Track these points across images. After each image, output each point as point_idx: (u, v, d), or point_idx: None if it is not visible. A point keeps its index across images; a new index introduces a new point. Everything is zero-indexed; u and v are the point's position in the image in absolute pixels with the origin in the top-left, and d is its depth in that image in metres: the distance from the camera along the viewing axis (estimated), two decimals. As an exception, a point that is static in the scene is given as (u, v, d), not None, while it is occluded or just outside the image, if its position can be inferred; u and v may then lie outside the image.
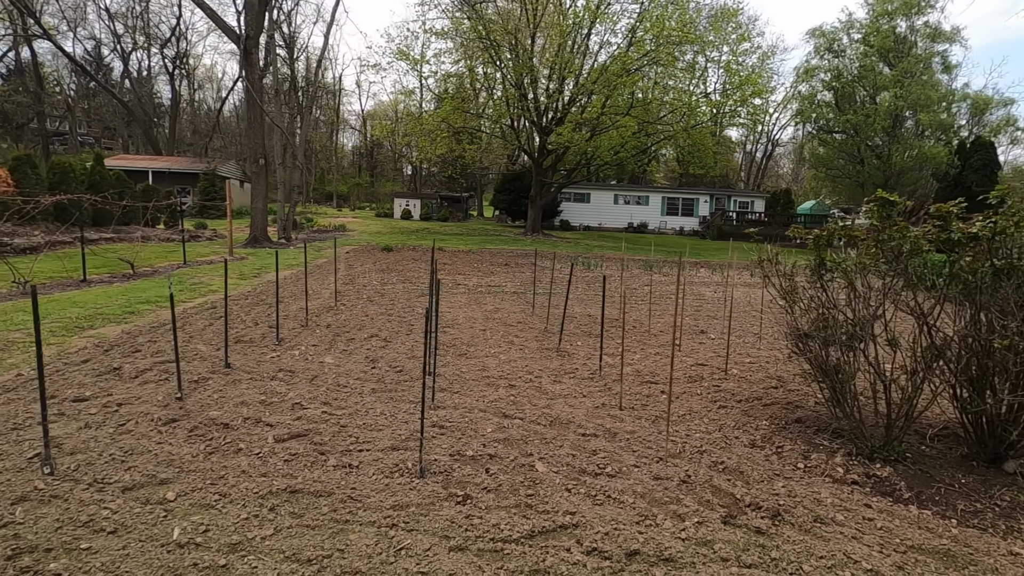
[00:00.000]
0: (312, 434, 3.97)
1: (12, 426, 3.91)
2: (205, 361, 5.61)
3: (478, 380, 5.41)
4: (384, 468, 3.50)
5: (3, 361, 5.42)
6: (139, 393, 4.66)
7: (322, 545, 2.71)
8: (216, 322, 7.35)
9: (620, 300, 10.28)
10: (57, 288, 9.12)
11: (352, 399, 4.72)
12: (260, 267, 13.01)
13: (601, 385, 5.44)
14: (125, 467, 3.39)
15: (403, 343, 6.71)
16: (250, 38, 15.53)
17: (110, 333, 6.62)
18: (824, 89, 31.50)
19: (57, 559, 2.55)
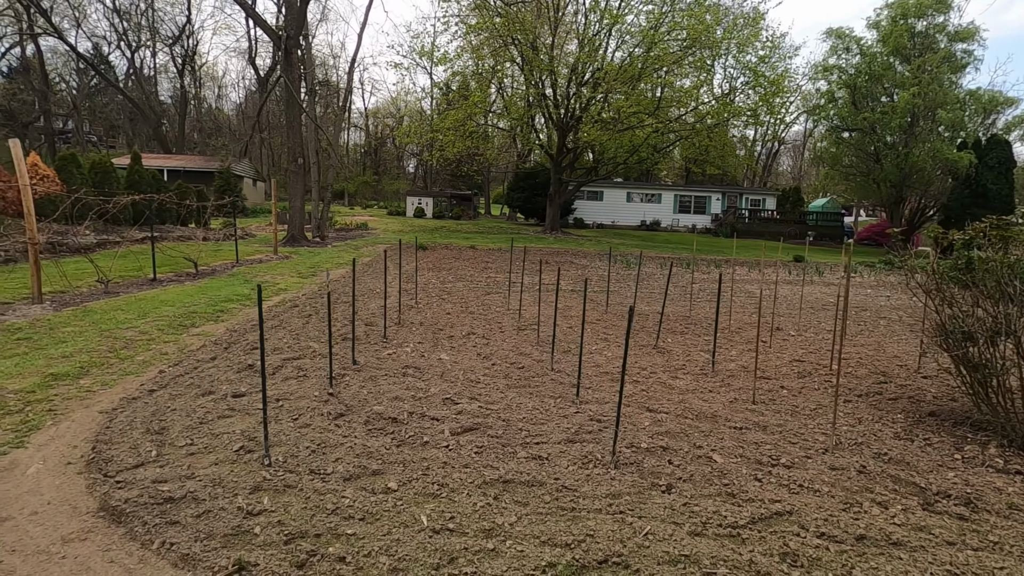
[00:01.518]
0: (482, 428, 4.12)
1: (197, 420, 4.04)
2: (327, 358, 5.74)
3: (599, 376, 5.56)
4: (575, 460, 3.65)
5: (133, 359, 5.54)
6: (288, 389, 4.80)
7: (569, 531, 2.85)
8: (309, 320, 7.47)
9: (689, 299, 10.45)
10: (133, 287, 9.22)
11: (494, 394, 4.86)
12: (312, 266, 13.11)
13: (718, 381, 5.59)
14: (331, 458, 3.53)
15: (502, 340, 6.85)
16: (290, 38, 15.59)
17: (215, 331, 6.74)
18: (842, 87, 31.68)
19: (331, 544, 2.69)
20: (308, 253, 15.54)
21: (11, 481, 3.18)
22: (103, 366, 5.23)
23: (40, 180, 13.19)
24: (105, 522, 2.81)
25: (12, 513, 2.87)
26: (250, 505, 2.97)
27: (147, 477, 3.21)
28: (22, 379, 4.75)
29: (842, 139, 33.96)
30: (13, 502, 2.98)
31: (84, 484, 3.18)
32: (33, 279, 7.46)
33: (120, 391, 4.66)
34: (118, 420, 4.02)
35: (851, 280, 15.55)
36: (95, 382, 4.82)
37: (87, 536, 2.70)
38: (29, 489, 3.11)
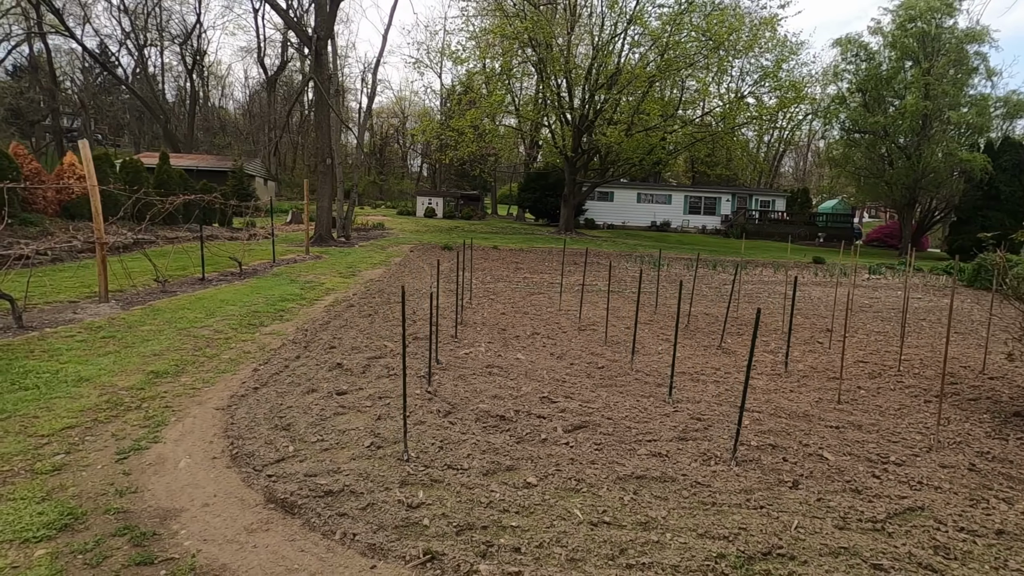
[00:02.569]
0: (591, 426, 4.23)
1: (317, 417, 4.15)
2: (408, 358, 5.85)
3: (678, 376, 5.66)
4: (695, 457, 3.77)
5: (220, 357, 5.64)
6: (386, 387, 4.90)
7: (721, 524, 2.97)
8: (372, 319, 7.57)
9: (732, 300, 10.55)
10: (186, 286, 9.32)
11: (586, 393, 4.97)
12: (348, 265, 13.21)
13: (794, 381, 5.71)
14: (461, 454, 3.64)
15: (568, 341, 6.95)
16: (320, 39, 15.68)
17: (285, 330, 6.84)
18: (853, 91, 31.85)
19: (500, 535, 2.80)
20: (338, 253, 15.63)
21: (167, 475, 3.29)
22: (195, 364, 5.33)
23: (77, 180, 13.27)
24: (279, 514, 2.92)
25: (185, 504, 2.98)
26: (407, 498, 3.07)
27: (298, 471, 3.32)
28: (126, 376, 4.85)
29: (853, 141, 34.12)
30: (179, 494, 3.08)
31: (238, 477, 3.28)
32: (100, 278, 7.55)
33: (223, 388, 4.76)
34: (238, 417, 4.12)
35: (877, 282, 15.69)
36: (195, 380, 4.92)
37: (268, 527, 2.81)
38: (188, 482, 3.21)
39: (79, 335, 5.96)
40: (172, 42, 53.83)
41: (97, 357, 5.30)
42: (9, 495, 2.97)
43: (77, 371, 4.86)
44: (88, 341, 5.77)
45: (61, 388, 4.47)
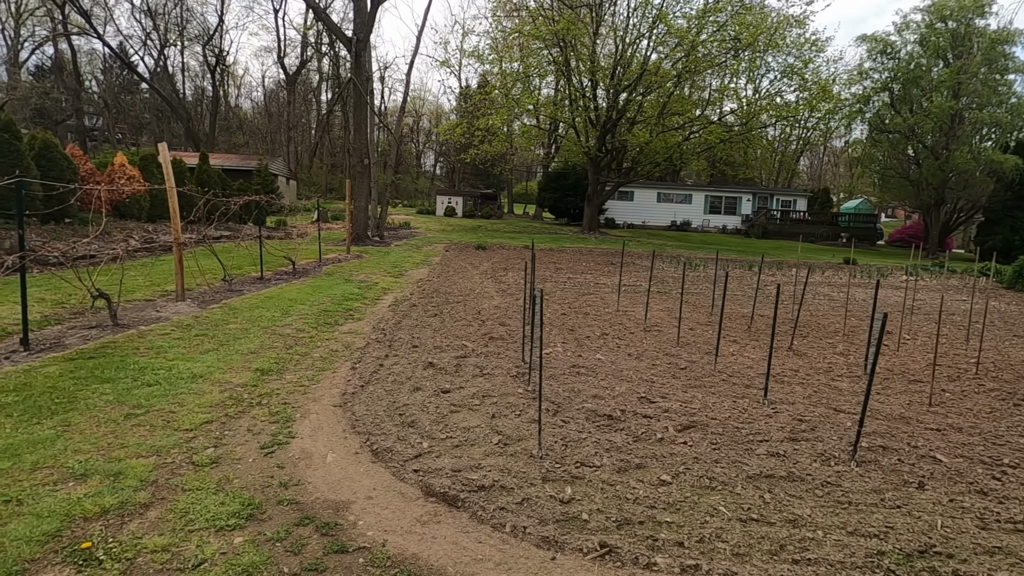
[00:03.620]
0: (699, 425, 4.33)
1: (436, 415, 4.28)
2: (491, 357, 5.98)
3: (760, 377, 5.74)
4: (813, 457, 3.86)
5: (311, 355, 5.81)
6: (483, 386, 5.03)
7: (867, 522, 3.06)
8: (441, 319, 7.72)
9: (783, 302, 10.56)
10: (247, 285, 9.53)
11: (679, 393, 5.07)
12: (392, 264, 13.39)
13: (878, 384, 5.76)
14: (587, 452, 3.75)
15: (639, 341, 7.05)
16: (360, 41, 15.87)
17: (361, 329, 7.01)
18: (880, 90, 31.58)
19: (659, 530, 2.91)
20: (377, 252, 15.82)
21: (319, 469, 3.44)
22: (293, 362, 5.50)
23: (128, 180, 13.57)
24: (443, 507, 3.06)
25: (349, 497, 3.13)
26: (557, 494, 3.20)
27: (443, 467, 3.45)
28: (235, 373, 5.03)
29: (878, 140, 33.82)
30: (339, 487, 3.23)
31: (387, 472, 3.43)
32: (177, 277, 7.76)
33: (330, 386, 4.92)
34: (359, 414, 4.27)
35: (915, 283, 15.60)
36: (300, 377, 5.08)
37: (439, 519, 2.94)
38: (342, 476, 3.36)
39: (173, 333, 6.15)
40: (195, 42, 54.41)
41: (200, 355, 5.48)
42: (184, 486, 3.13)
43: (188, 368, 5.04)
44: (185, 339, 5.96)
45: (181, 384, 4.65)
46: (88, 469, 3.21)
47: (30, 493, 2.94)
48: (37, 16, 53.69)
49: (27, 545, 2.53)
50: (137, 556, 2.52)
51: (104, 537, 2.63)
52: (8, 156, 10.48)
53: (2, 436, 3.55)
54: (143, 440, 3.62)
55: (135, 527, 2.74)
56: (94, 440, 3.58)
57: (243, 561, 2.51)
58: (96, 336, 5.90)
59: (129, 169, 13.99)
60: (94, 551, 2.53)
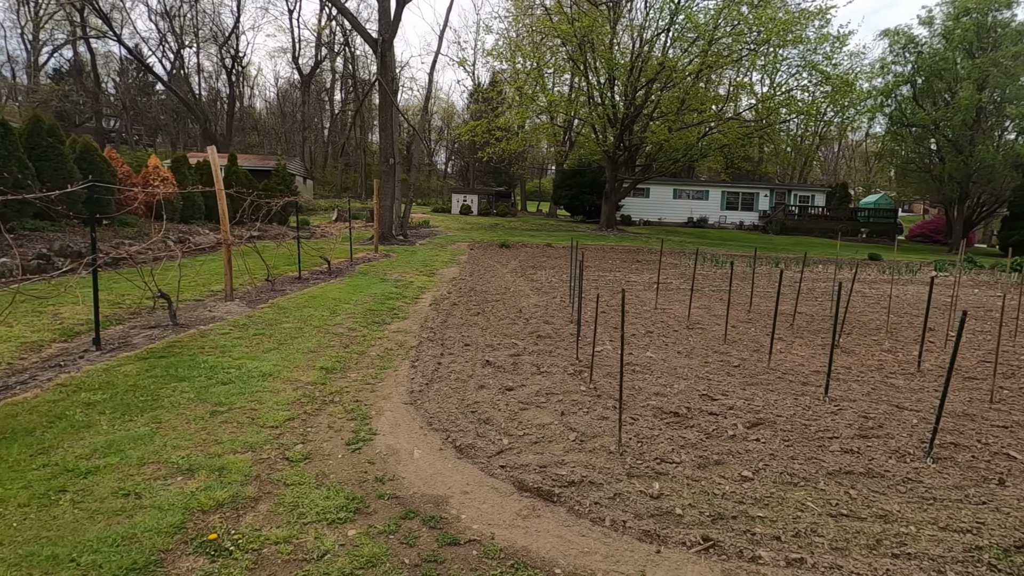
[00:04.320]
0: (767, 423, 4.38)
1: (509, 413, 4.37)
2: (544, 355, 6.06)
3: (815, 375, 5.77)
4: (888, 453, 3.89)
5: (368, 354, 5.92)
6: (544, 384, 5.11)
7: (955, 517, 3.10)
8: (485, 317, 7.81)
9: (817, 298, 10.54)
10: (287, 284, 9.69)
11: (738, 391, 5.12)
12: (422, 263, 13.51)
13: (934, 381, 5.77)
14: (664, 448, 3.82)
15: (686, 339, 7.09)
16: (385, 41, 15.99)
17: (409, 328, 7.11)
18: (902, 84, 31.18)
19: (752, 525, 2.97)
20: (404, 251, 15.96)
21: (409, 464, 3.54)
22: (353, 361, 5.61)
23: (162, 181, 13.81)
24: (539, 501, 3.14)
25: (444, 492, 3.22)
26: (645, 489, 3.27)
27: (528, 463, 3.54)
28: (302, 372, 5.15)
29: (900, 135, 33.41)
30: (433, 482, 3.33)
31: (475, 468, 3.52)
32: (226, 277, 7.93)
33: (394, 384, 5.02)
34: (432, 411, 4.37)
35: (945, 280, 15.45)
36: (363, 375, 5.19)
37: (538, 513, 3.03)
38: (433, 471, 3.46)
39: (232, 332, 6.30)
40: (212, 43, 54.98)
41: (263, 353, 5.61)
42: (285, 481, 3.24)
43: (257, 367, 5.17)
44: (245, 338, 6.10)
45: (254, 383, 4.78)
46: (192, 464, 3.34)
47: (145, 487, 3.07)
48: (55, 20, 54.54)
49: (158, 536, 2.65)
50: (262, 547, 2.63)
51: (227, 529, 2.75)
52: (53, 160, 10.73)
53: (102, 433, 3.69)
54: (235, 437, 3.75)
55: (251, 520, 2.85)
56: (188, 436, 3.71)
57: (364, 552, 2.61)
58: (160, 336, 6.06)
59: (162, 171, 14.24)
60: (221, 542, 2.64)
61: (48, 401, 4.12)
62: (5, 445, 3.44)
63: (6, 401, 4.08)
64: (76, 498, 2.93)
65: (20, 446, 3.44)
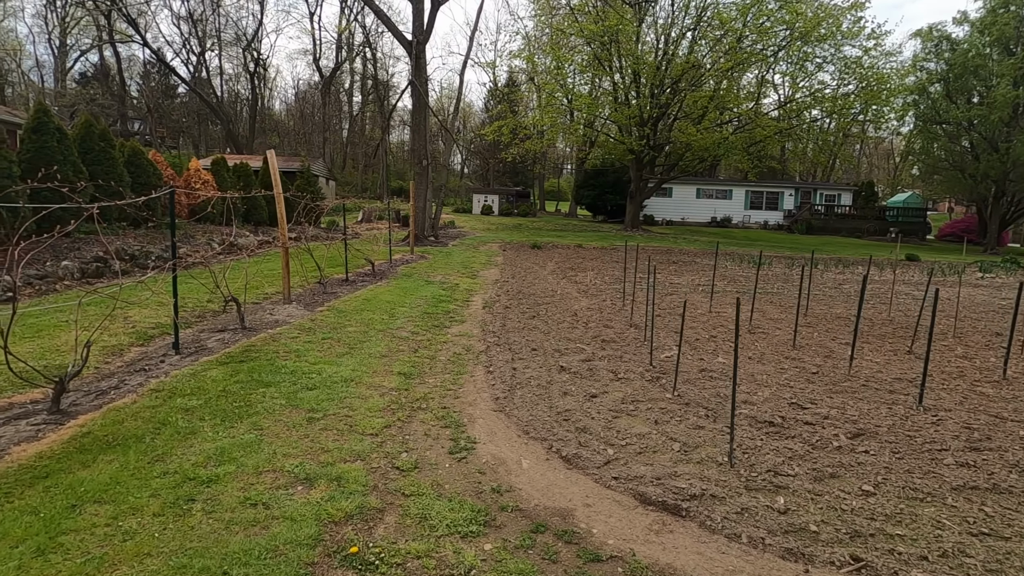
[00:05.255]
0: (868, 433, 4.26)
1: (604, 421, 4.31)
2: (616, 360, 5.99)
3: (898, 382, 5.62)
4: (1007, 466, 3.76)
5: (437, 358, 5.89)
6: (625, 390, 5.04)
7: (1105, 538, 2.97)
8: (542, 320, 7.75)
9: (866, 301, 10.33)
10: (337, 287, 9.73)
11: (826, 399, 5.00)
12: (461, 264, 13.49)
13: (1020, 389, 5.59)
14: (774, 460, 3.73)
15: (752, 344, 6.97)
16: (419, 43, 16.02)
17: (470, 331, 7.08)
18: (935, 81, 30.53)
19: (894, 543, 2.87)
20: (439, 253, 15.98)
21: (521, 474, 3.49)
22: (425, 366, 5.59)
23: (203, 184, 13.98)
24: (668, 516, 3.08)
25: (566, 504, 3.17)
26: (771, 504, 3.19)
27: (642, 474, 3.47)
28: (382, 377, 5.14)
29: (932, 133, 32.70)
30: (551, 493, 3.27)
31: (588, 479, 3.46)
32: (284, 280, 7.97)
33: (475, 390, 4.99)
34: (524, 419, 4.32)
35: (992, 282, 15.06)
36: (442, 381, 5.16)
37: (670, 528, 2.96)
38: (548, 482, 3.41)
39: (301, 336, 6.32)
40: (232, 45, 55.69)
41: (337, 358, 5.62)
42: (403, 491, 3.21)
43: (336, 372, 5.17)
44: (314, 342, 6.12)
45: (339, 388, 4.77)
46: (308, 473, 3.32)
47: (270, 497, 3.06)
48: (81, 25, 55.63)
49: (300, 549, 2.63)
50: (406, 561, 2.60)
51: (364, 542, 2.72)
52: (104, 164, 10.89)
53: (209, 439, 3.70)
54: (340, 445, 3.73)
55: (383, 532, 2.82)
56: (294, 444, 3.71)
57: (509, 568, 2.57)
58: (232, 340, 6.10)
59: (203, 174, 14.41)
60: (363, 555, 2.62)
61: (148, 407, 4.14)
62: (121, 452, 3.46)
63: (108, 407, 4.12)
64: (206, 507, 2.93)
65: (135, 453, 3.45)
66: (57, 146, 9.94)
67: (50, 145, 9.82)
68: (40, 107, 9.92)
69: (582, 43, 27.59)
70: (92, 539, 2.64)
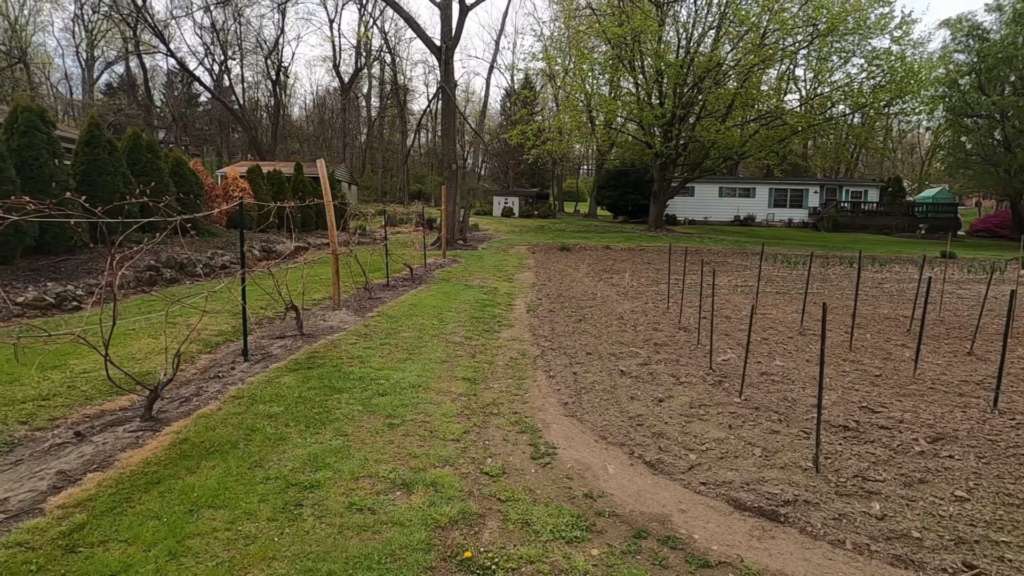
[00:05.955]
0: (947, 438, 4.22)
1: (678, 426, 4.34)
2: (673, 364, 6.00)
3: (967, 385, 5.54)
4: (1100, 472, 3.70)
5: (494, 363, 5.96)
6: (690, 394, 5.05)
7: None
8: (588, 323, 7.78)
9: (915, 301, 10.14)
10: (380, 292, 9.86)
11: (895, 402, 4.95)
12: (496, 269, 13.58)
13: (1094, 390, 5.48)
14: (859, 466, 3.72)
15: (806, 345, 6.93)
16: (448, 49, 16.18)
17: (521, 336, 7.14)
18: (966, 73, 29.86)
19: (1002, 550, 2.85)
20: (470, 256, 16.09)
21: (609, 480, 3.54)
22: (486, 371, 5.66)
23: (241, 192, 14.28)
24: (766, 521, 3.10)
25: (660, 510, 3.21)
26: (866, 510, 3.19)
27: (731, 480, 3.49)
28: (447, 383, 5.22)
29: (963, 126, 31.98)
30: (642, 499, 3.31)
31: (676, 484, 3.49)
32: (334, 287, 8.12)
33: (540, 394, 5.04)
34: (597, 423, 4.37)
35: (1037, 278, 14.68)
36: (506, 386, 5.23)
37: (771, 534, 2.98)
38: (638, 488, 3.45)
39: (359, 343, 6.44)
40: (254, 53, 56.67)
41: (400, 364, 5.72)
42: (497, 496, 3.28)
43: (403, 378, 5.26)
44: (374, 348, 6.23)
45: (408, 394, 4.86)
46: (403, 479, 3.41)
47: (374, 502, 3.14)
48: (108, 37, 57.10)
49: (417, 553, 2.71)
50: (520, 566, 2.66)
51: (476, 547, 2.79)
52: (152, 174, 11.20)
53: (299, 445, 3.81)
54: (425, 451, 3.81)
55: (489, 537, 2.89)
56: (381, 450, 3.80)
57: (623, 573, 2.62)
58: (294, 346, 6.24)
59: (241, 182, 14.72)
60: (478, 560, 2.69)
61: (233, 414, 4.27)
62: (221, 458, 3.58)
63: (197, 414, 4.26)
64: (316, 512, 3.03)
65: (234, 459, 3.57)
66: (108, 158, 10.25)
67: (102, 158, 10.13)
68: (93, 121, 10.25)
69: (600, 44, 27.59)
70: (217, 543, 2.75)
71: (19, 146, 8.67)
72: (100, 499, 3.06)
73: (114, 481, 3.25)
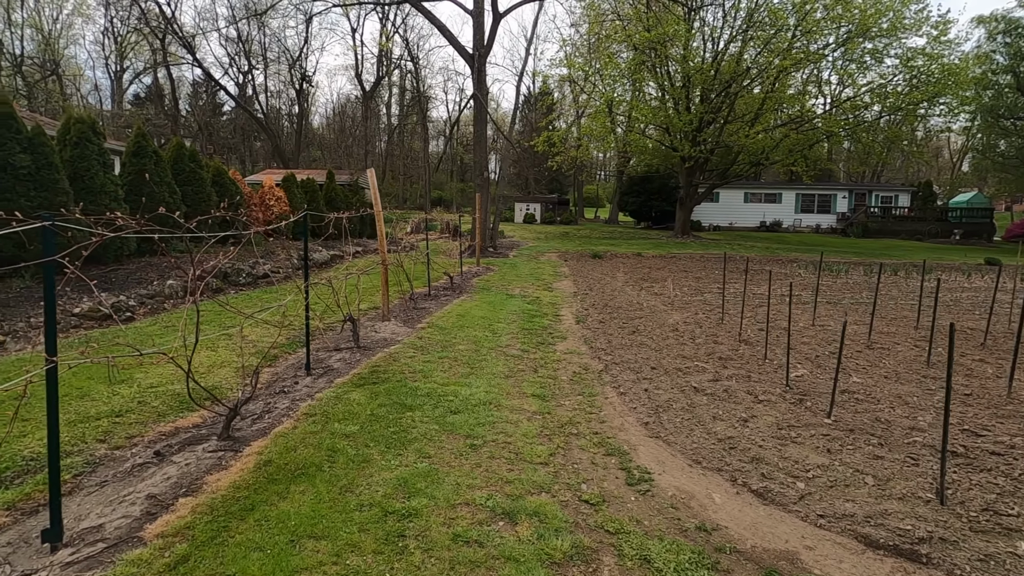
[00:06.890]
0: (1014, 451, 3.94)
1: (772, 448, 4.11)
2: (744, 380, 5.76)
3: (1064, 404, 5.23)
4: None
5: (557, 377, 5.78)
6: (773, 414, 4.82)
7: None
8: (643, 335, 7.57)
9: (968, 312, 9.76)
10: (423, 302, 9.76)
11: (996, 425, 4.66)
12: (533, 277, 13.42)
13: None
14: (987, 498, 3.46)
15: (878, 359, 6.63)
16: (481, 56, 16.15)
17: (577, 348, 6.96)
18: (1003, 72, 29.05)
19: None
20: (503, 264, 15.96)
21: (719, 511, 3.33)
22: (553, 387, 5.48)
23: (277, 201, 14.35)
24: (905, 562, 2.86)
25: (783, 546, 2.99)
26: (1014, 549, 2.94)
27: (852, 512, 3.26)
28: (517, 400, 5.06)
29: (1001, 128, 31.13)
30: (759, 532, 3.10)
31: (792, 517, 3.27)
32: (383, 297, 8.03)
33: (614, 412, 4.85)
34: (686, 446, 4.16)
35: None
36: (577, 403, 5.04)
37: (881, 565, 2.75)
38: (750, 521, 3.23)
39: (417, 356, 6.31)
40: (278, 63, 57.54)
41: (463, 379, 5.57)
42: (604, 527, 3.09)
43: (471, 394, 5.11)
44: (433, 361, 6.10)
45: (482, 412, 4.70)
46: (503, 507, 3.24)
47: (479, 534, 2.98)
48: (136, 49, 58.50)
49: (540, 594, 2.53)
50: (654, 611, 2.47)
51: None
52: (195, 184, 11.27)
53: (385, 468, 3.67)
54: (516, 475, 3.64)
55: (609, 575, 2.71)
56: (469, 473, 3.64)
57: (768, 621, 2.42)
58: (352, 359, 6.14)
59: (276, 190, 14.80)
60: (607, 603, 2.50)
61: (310, 432, 4.16)
62: (309, 483, 3.45)
63: (274, 433, 4.15)
64: (421, 545, 2.87)
65: (323, 483, 3.44)
66: (154, 168, 10.32)
67: (148, 168, 10.21)
68: (139, 132, 10.35)
69: (623, 50, 27.39)
70: (327, 579, 2.60)
71: (72, 157, 8.76)
72: (198, 527, 2.94)
73: (208, 507, 3.13)
